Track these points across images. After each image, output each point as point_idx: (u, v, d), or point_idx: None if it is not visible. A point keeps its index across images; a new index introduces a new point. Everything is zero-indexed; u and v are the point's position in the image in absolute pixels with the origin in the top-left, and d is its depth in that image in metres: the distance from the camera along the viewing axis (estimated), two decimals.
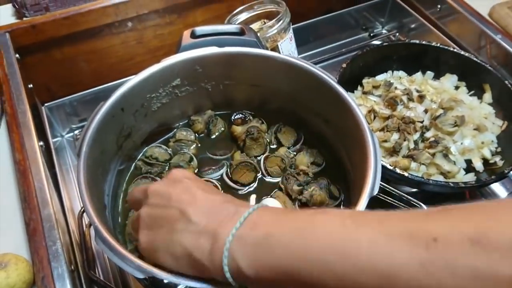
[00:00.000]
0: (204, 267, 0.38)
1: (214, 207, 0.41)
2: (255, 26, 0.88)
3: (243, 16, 0.88)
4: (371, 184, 0.48)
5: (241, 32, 0.67)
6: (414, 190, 0.74)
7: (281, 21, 0.80)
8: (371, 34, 1.14)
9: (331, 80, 0.61)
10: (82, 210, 0.63)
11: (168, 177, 0.45)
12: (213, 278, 0.39)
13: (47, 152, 0.75)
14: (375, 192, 0.48)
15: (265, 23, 0.87)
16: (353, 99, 0.58)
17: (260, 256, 0.35)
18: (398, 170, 0.65)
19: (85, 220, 0.64)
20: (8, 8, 0.85)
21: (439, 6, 0.98)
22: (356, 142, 0.56)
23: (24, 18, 0.80)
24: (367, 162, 0.51)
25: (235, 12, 0.87)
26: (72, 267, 0.57)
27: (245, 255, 0.36)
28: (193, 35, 0.66)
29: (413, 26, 1.07)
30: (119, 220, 0.63)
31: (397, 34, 1.10)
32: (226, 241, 0.36)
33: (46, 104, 0.83)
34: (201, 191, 0.43)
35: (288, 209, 0.40)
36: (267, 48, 0.76)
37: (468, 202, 0.81)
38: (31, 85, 0.78)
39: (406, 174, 0.64)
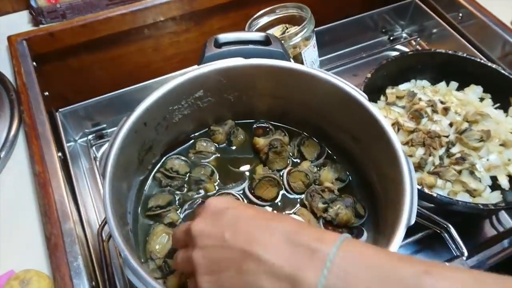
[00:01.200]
0: None
1: (283, 240, 0.36)
2: (276, 30, 0.85)
3: (264, 20, 0.85)
4: (408, 213, 0.47)
5: (266, 41, 0.65)
6: (433, 205, 0.72)
7: (306, 29, 0.78)
8: (391, 38, 1.11)
9: (362, 97, 0.59)
10: (101, 224, 0.62)
11: (206, 211, 0.41)
12: None
13: (64, 162, 0.73)
14: (412, 221, 0.47)
15: (286, 27, 0.85)
16: (384, 118, 0.56)
17: None
18: (426, 190, 0.63)
19: (104, 233, 0.63)
20: (24, 15, 0.83)
21: (460, 14, 0.95)
22: (387, 162, 0.54)
23: (41, 26, 0.78)
24: (402, 187, 0.49)
25: (256, 16, 0.84)
26: (93, 283, 0.56)
27: None
28: (217, 44, 0.64)
29: (434, 30, 1.04)
30: (140, 237, 0.62)
31: (418, 38, 1.07)
32: None
33: (60, 110, 0.82)
34: (252, 218, 0.38)
35: (381, 254, 0.34)
36: (290, 57, 0.74)
37: (487, 218, 0.80)
38: (47, 93, 0.76)
39: (434, 194, 0.63)
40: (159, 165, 0.69)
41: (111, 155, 0.51)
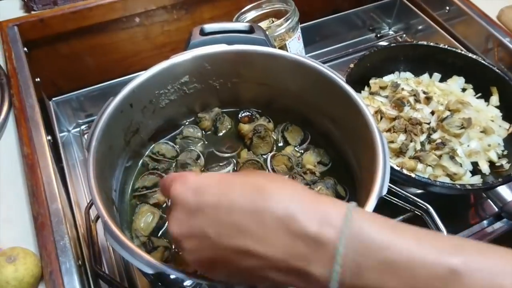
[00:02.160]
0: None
1: (279, 232, 0.31)
2: (263, 24, 0.87)
3: (251, 15, 0.88)
4: (380, 185, 0.48)
5: (250, 30, 0.67)
6: (420, 191, 0.74)
7: (290, 20, 0.80)
8: (378, 35, 1.14)
9: (340, 80, 0.61)
10: (89, 204, 0.63)
11: (177, 208, 0.36)
12: None
13: (54, 146, 0.75)
14: (384, 192, 0.48)
15: (273, 22, 0.87)
16: (362, 99, 0.58)
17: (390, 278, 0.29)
18: (405, 171, 0.65)
19: (92, 214, 0.64)
20: (16, 1, 0.84)
21: (447, 7, 0.98)
22: (364, 143, 0.56)
23: (32, 12, 0.80)
24: (376, 162, 0.51)
25: (243, 10, 0.86)
26: (80, 262, 0.57)
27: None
28: (202, 33, 0.66)
29: (420, 27, 1.07)
30: (126, 216, 0.63)
31: (404, 35, 1.10)
32: None
33: (54, 99, 0.83)
34: (235, 209, 0.33)
35: (399, 231, 0.31)
36: (275, 47, 0.76)
37: (473, 204, 0.82)
38: (39, 79, 0.78)
39: (413, 175, 0.64)
40: (147, 151, 0.71)
41: (97, 130, 0.53)
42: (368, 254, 0.30)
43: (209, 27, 0.67)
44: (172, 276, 0.43)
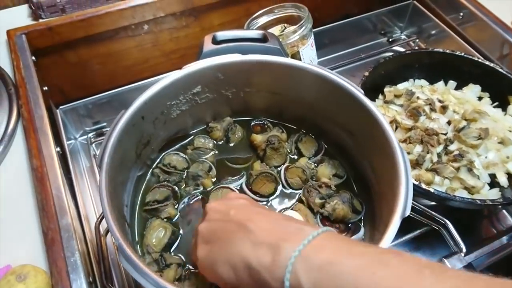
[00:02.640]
0: (262, 279, 0.37)
1: (275, 222, 0.41)
2: (275, 30, 0.86)
3: (263, 20, 0.86)
4: (403, 205, 0.47)
5: (263, 39, 0.65)
6: (433, 203, 0.72)
7: (303, 27, 0.78)
8: (390, 40, 1.12)
9: (358, 91, 0.59)
10: (99, 218, 0.62)
11: (224, 197, 0.49)
12: None
13: (62, 157, 0.73)
14: (407, 213, 0.47)
15: (285, 27, 0.86)
16: (379, 110, 0.56)
17: (323, 282, 0.34)
18: (423, 185, 0.63)
19: (102, 229, 0.63)
20: (24, 8, 0.84)
21: (461, 13, 0.96)
22: (382, 155, 0.55)
23: (40, 20, 0.78)
24: (398, 179, 0.49)
25: (255, 15, 0.85)
26: (90, 279, 0.56)
27: (309, 276, 0.35)
28: (214, 41, 0.65)
29: (433, 32, 1.05)
30: (137, 230, 0.62)
31: (417, 40, 1.08)
32: (291, 256, 0.36)
33: (61, 107, 0.82)
34: (259, 208, 0.45)
35: (357, 241, 0.40)
36: (288, 55, 0.75)
37: (487, 215, 0.80)
38: (46, 88, 0.77)
39: (431, 189, 0.63)
40: (157, 161, 0.69)
41: (108, 146, 0.51)
42: (334, 244, 0.37)
43: (221, 35, 0.65)
44: None
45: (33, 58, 0.73)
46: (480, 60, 0.82)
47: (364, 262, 0.34)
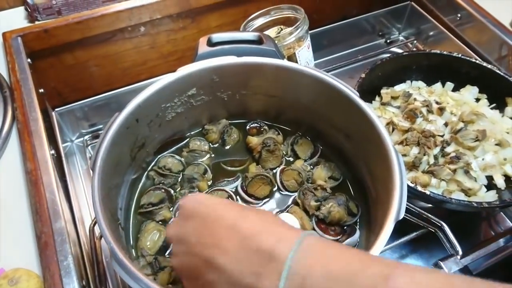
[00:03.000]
0: None
1: (242, 246, 0.35)
2: (271, 32, 0.86)
3: (259, 22, 0.85)
4: (397, 208, 0.47)
5: (259, 41, 0.65)
6: (430, 205, 0.72)
7: (300, 29, 0.78)
8: (388, 41, 1.12)
9: (354, 94, 0.58)
10: (93, 221, 0.62)
11: (179, 213, 0.42)
12: None
13: (57, 160, 0.73)
14: (401, 216, 0.46)
15: (281, 29, 0.85)
16: (375, 113, 0.56)
17: None
18: (419, 188, 0.63)
19: (96, 231, 0.62)
20: (20, 11, 0.83)
21: (459, 14, 0.95)
22: (378, 158, 0.54)
23: (36, 22, 0.78)
24: (392, 183, 0.49)
25: (251, 17, 0.84)
26: (84, 283, 0.56)
27: None
28: (210, 43, 0.64)
29: (431, 33, 1.04)
30: (132, 233, 0.61)
31: (415, 41, 1.07)
32: None
33: (57, 109, 0.82)
34: (218, 222, 0.38)
35: (342, 256, 0.33)
36: (284, 56, 0.74)
37: (485, 218, 0.80)
38: (42, 90, 0.76)
39: (427, 192, 0.62)
40: (152, 164, 0.69)
41: (102, 149, 0.51)
42: (315, 270, 0.32)
43: (216, 37, 0.65)
44: None
45: (29, 60, 0.73)
46: (477, 61, 0.81)
47: None
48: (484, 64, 0.80)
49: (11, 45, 0.73)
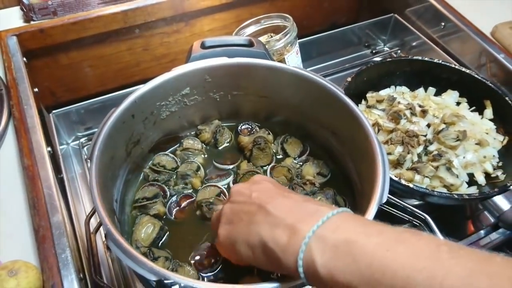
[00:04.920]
0: (277, 258, 0.39)
1: (294, 204, 0.42)
2: (262, 39, 0.89)
3: (251, 30, 0.89)
4: (380, 193, 0.49)
5: (250, 44, 0.69)
6: (418, 202, 0.75)
7: (288, 35, 0.82)
8: (373, 51, 1.16)
9: (340, 92, 0.62)
10: (89, 215, 0.63)
11: (250, 180, 0.50)
12: (283, 272, 0.41)
13: (54, 158, 0.75)
14: (384, 200, 0.49)
15: (271, 37, 0.89)
16: (361, 111, 0.59)
17: (339, 260, 0.35)
18: (403, 181, 0.66)
19: (92, 225, 0.64)
20: (16, 11, 0.85)
21: (442, 23, 1.00)
22: (364, 154, 0.57)
23: (32, 22, 0.80)
24: (376, 171, 0.52)
25: (242, 25, 0.88)
26: (81, 275, 0.57)
27: (324, 254, 0.36)
28: (203, 46, 0.67)
29: (414, 44, 1.09)
30: (127, 227, 0.63)
31: (399, 51, 1.12)
32: (306, 236, 0.37)
33: (54, 112, 0.84)
34: (281, 190, 0.46)
35: (374, 221, 0.40)
36: (273, 59, 0.78)
37: (470, 216, 0.83)
38: (37, 90, 0.78)
39: (411, 185, 0.65)
40: (147, 162, 0.71)
41: (99, 141, 0.53)
42: (348, 220, 0.38)
43: (209, 40, 0.68)
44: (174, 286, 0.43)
45: (25, 59, 0.75)
46: (457, 67, 0.86)
47: (380, 240, 0.35)
48: (463, 69, 0.85)
49: (7, 44, 0.74)
